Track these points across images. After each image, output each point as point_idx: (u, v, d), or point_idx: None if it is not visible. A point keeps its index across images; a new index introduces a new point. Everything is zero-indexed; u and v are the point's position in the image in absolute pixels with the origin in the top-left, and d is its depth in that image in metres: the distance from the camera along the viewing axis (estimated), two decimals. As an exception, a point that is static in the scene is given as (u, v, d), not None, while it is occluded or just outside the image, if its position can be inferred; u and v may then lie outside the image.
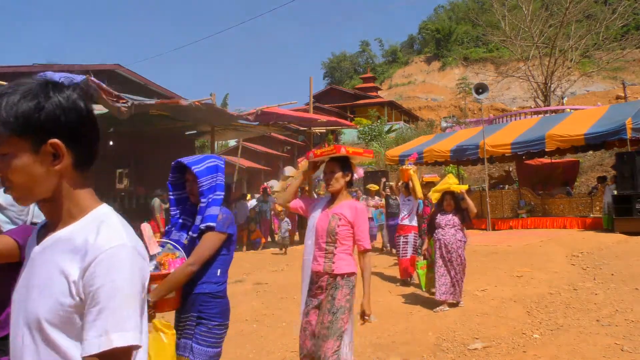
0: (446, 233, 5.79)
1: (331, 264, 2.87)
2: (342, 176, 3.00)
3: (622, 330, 4.46)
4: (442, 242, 5.77)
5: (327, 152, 3.01)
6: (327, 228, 2.89)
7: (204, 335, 2.35)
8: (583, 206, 12.59)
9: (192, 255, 2.33)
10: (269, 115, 11.99)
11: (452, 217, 5.84)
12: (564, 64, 27.67)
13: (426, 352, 4.34)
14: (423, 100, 52.93)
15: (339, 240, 2.88)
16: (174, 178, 2.63)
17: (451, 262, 5.71)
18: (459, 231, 5.81)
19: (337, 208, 2.96)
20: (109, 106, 8.75)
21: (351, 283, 2.89)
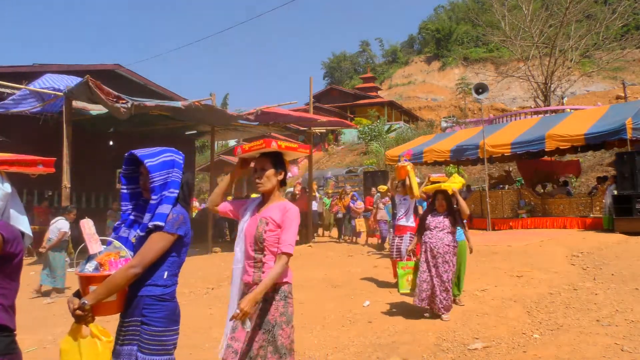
0: (433, 236, 5.35)
1: (261, 273, 2.56)
2: (274, 174, 2.66)
3: (622, 330, 4.46)
4: (428, 246, 5.36)
5: (257, 146, 2.67)
6: (255, 234, 2.59)
7: (147, 342, 2.16)
8: (583, 206, 12.59)
9: (136, 257, 2.15)
10: (268, 115, 11.99)
11: (442, 219, 5.41)
12: (564, 64, 27.67)
13: (426, 352, 4.34)
14: (423, 100, 52.95)
15: (267, 248, 2.57)
16: (128, 170, 2.39)
17: (436, 268, 5.26)
18: (447, 234, 5.34)
19: (267, 211, 2.63)
20: (109, 106, 8.76)
21: (284, 293, 2.59)
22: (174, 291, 2.26)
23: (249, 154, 2.74)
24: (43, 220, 12.30)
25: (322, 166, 33.65)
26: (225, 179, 2.85)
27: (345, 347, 4.53)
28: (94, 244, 2.28)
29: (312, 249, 12.03)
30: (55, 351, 4.51)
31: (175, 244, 2.23)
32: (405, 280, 5.50)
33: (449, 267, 5.26)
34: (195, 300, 6.89)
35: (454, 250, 5.35)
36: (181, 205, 2.33)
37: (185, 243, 2.31)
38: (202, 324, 5.63)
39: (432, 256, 5.30)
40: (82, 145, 11.05)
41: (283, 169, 2.73)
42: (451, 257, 5.30)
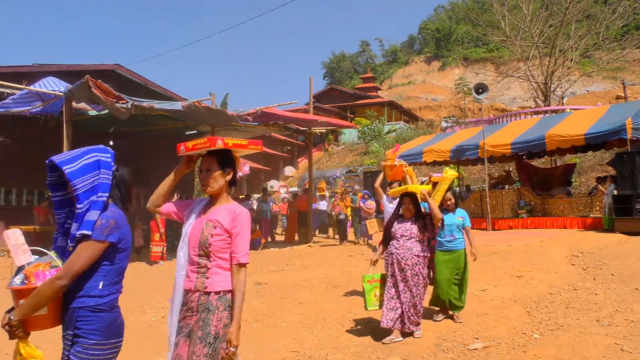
0: (400, 246, 4.67)
1: (204, 279, 2.36)
2: (222, 175, 2.46)
3: (622, 330, 4.46)
4: (394, 257, 4.67)
5: (200, 145, 2.46)
6: (200, 238, 2.38)
7: (78, 356, 2.01)
8: (583, 206, 12.59)
9: (62, 268, 2.01)
10: (268, 115, 12.00)
11: (410, 226, 4.73)
12: (564, 64, 27.67)
13: (426, 352, 4.34)
14: (423, 100, 52.96)
15: (212, 253, 2.36)
16: (53, 177, 2.22)
17: (405, 282, 4.62)
18: (416, 244, 4.67)
19: (214, 213, 2.44)
20: (109, 106, 8.76)
21: (229, 303, 2.38)
22: (112, 300, 2.13)
23: (192, 153, 2.55)
24: (43, 221, 12.32)
25: (322, 166, 33.67)
26: (169, 177, 2.61)
27: (345, 347, 4.53)
28: (21, 255, 2.13)
29: (312, 249, 12.03)
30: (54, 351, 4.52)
31: (107, 252, 2.09)
32: (372, 295, 4.86)
33: (419, 280, 4.64)
34: (195, 300, 6.89)
35: (424, 262, 4.69)
36: (119, 206, 2.22)
37: (120, 249, 2.16)
38: (202, 324, 5.63)
39: (400, 269, 4.63)
40: (82, 145, 11.00)
41: (232, 168, 2.53)
42: (421, 269, 4.64)
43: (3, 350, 4.94)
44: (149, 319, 5.99)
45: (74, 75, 10.46)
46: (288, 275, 8.18)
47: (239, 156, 2.62)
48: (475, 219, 14.07)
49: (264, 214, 14.34)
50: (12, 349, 2.05)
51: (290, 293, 6.82)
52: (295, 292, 6.86)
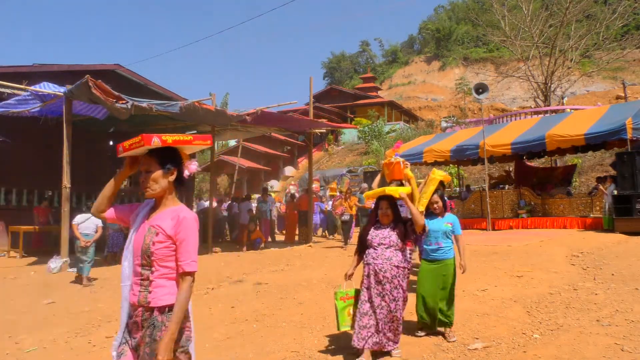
0: (378, 255, 4.13)
1: (147, 293, 2.17)
2: (163, 175, 2.26)
3: (622, 330, 4.45)
4: (371, 268, 4.14)
5: (135, 144, 2.25)
6: (142, 246, 2.19)
7: None
8: (583, 206, 12.59)
9: None
10: (268, 118, 12.00)
11: (388, 233, 4.18)
12: (564, 64, 27.68)
13: (426, 352, 4.34)
14: (423, 100, 52.98)
15: (155, 262, 2.17)
16: None
17: (382, 297, 4.08)
18: (396, 253, 4.14)
19: (156, 218, 2.25)
20: (109, 106, 8.76)
21: None
22: None
23: (129, 154, 2.33)
24: (43, 221, 12.31)
25: (323, 166, 33.67)
26: (111, 181, 2.43)
27: (345, 347, 4.53)
28: None
29: (312, 249, 12.03)
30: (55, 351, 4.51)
31: None
32: (346, 314, 4.32)
33: (399, 293, 4.09)
34: (195, 300, 6.86)
35: (404, 273, 4.16)
36: None
37: None
38: (202, 323, 5.63)
39: (377, 281, 4.09)
40: (82, 145, 11.04)
41: (176, 166, 2.31)
42: (401, 281, 4.10)
43: (3, 351, 4.95)
44: (149, 319, 5.98)
45: (74, 75, 10.46)
46: (288, 275, 8.18)
47: (187, 153, 2.41)
48: (475, 219, 14.11)
49: (264, 214, 14.34)
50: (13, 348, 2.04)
51: (290, 293, 6.82)
52: (295, 292, 6.86)
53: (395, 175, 5.31)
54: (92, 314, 6.30)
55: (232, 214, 15.86)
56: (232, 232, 15.71)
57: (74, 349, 4.97)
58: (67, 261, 9.33)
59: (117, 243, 10.69)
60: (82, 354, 4.84)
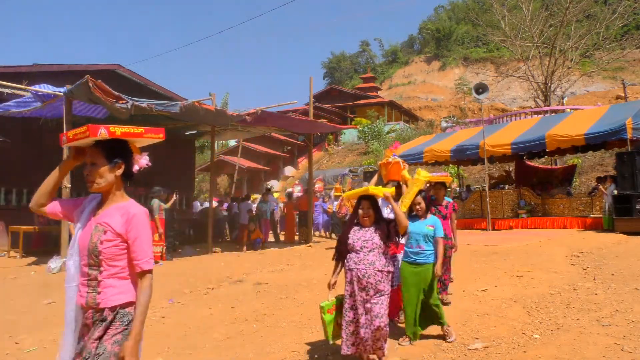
0: (361, 260, 3.85)
1: (95, 294, 2.05)
2: (109, 169, 2.13)
3: (622, 330, 4.45)
4: (353, 274, 3.87)
5: (80, 134, 2.10)
6: (88, 244, 2.07)
7: None
8: (583, 206, 12.59)
9: None
10: (268, 119, 11.99)
11: (371, 235, 3.90)
12: (564, 64, 27.69)
13: (426, 352, 4.34)
14: (423, 100, 52.99)
15: (104, 262, 2.06)
16: None
17: (364, 304, 3.84)
18: (379, 256, 3.87)
19: (104, 215, 2.12)
20: (109, 106, 8.76)
21: (128, 317, 2.08)
22: None
23: (74, 144, 2.19)
24: (42, 221, 12.31)
25: (323, 166, 33.67)
26: (53, 172, 2.26)
27: (345, 347, 4.53)
28: None
29: (312, 249, 12.03)
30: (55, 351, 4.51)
31: None
32: (334, 325, 4.08)
33: (384, 298, 3.84)
34: (195, 300, 6.89)
35: (388, 277, 3.91)
36: None
37: None
38: (202, 323, 5.63)
39: (361, 288, 3.83)
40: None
41: (124, 160, 2.19)
42: (386, 285, 3.86)
43: (3, 351, 4.94)
44: (148, 319, 5.98)
45: (74, 75, 10.45)
46: (288, 275, 8.18)
47: (137, 146, 2.29)
48: (475, 219, 14.11)
49: (264, 214, 14.34)
50: (13, 348, 2.05)
51: (290, 293, 6.82)
52: (295, 292, 6.86)
53: (393, 175, 5.11)
54: (92, 314, 6.29)
55: (232, 214, 15.87)
56: (232, 232, 15.71)
57: (74, 349, 4.96)
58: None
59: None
60: (82, 354, 4.84)
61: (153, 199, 10.27)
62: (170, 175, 14.92)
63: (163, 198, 10.42)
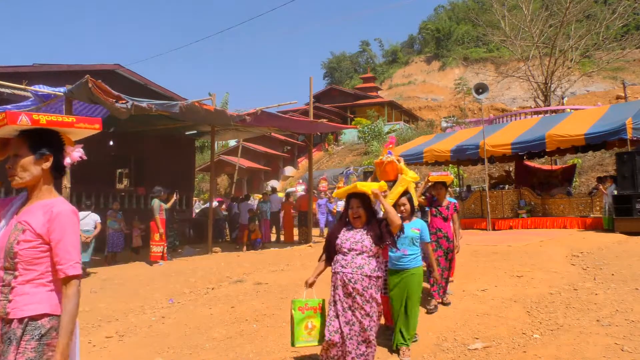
0: (348, 263, 3.48)
1: (6, 302, 1.81)
2: (34, 161, 1.91)
3: (622, 330, 4.45)
4: (339, 279, 3.50)
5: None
6: (6, 245, 1.85)
7: None
8: (583, 206, 12.59)
9: None
10: (268, 119, 11.99)
11: (361, 237, 3.52)
12: (564, 64, 27.70)
13: (426, 352, 4.33)
14: (423, 100, 53.00)
15: (20, 265, 1.82)
16: None
17: (353, 312, 3.42)
18: (369, 260, 3.48)
19: (25, 213, 1.91)
20: (109, 106, 8.76)
21: (40, 330, 1.79)
22: None
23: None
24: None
25: (323, 166, 33.67)
26: None
27: (345, 347, 4.53)
28: None
29: (312, 249, 12.03)
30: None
31: None
32: (303, 327, 3.71)
33: (372, 308, 3.43)
34: (195, 300, 6.89)
35: (377, 283, 3.53)
36: None
37: None
38: (202, 323, 5.63)
39: (346, 294, 3.45)
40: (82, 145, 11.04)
41: (52, 152, 1.97)
42: (374, 293, 3.45)
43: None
44: (148, 319, 5.99)
45: (74, 75, 10.46)
46: (288, 275, 8.17)
47: (71, 138, 2.11)
48: (475, 219, 14.11)
49: (264, 214, 14.35)
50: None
51: (290, 293, 6.82)
52: (295, 292, 6.85)
53: (389, 175, 4.68)
54: (92, 314, 6.30)
55: (232, 214, 15.88)
56: (232, 232, 15.72)
57: (74, 349, 4.96)
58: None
59: (117, 243, 10.70)
60: (82, 354, 4.83)
61: (153, 199, 10.28)
62: (170, 175, 14.93)
63: (163, 198, 10.43)
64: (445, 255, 5.74)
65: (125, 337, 5.33)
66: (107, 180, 15.43)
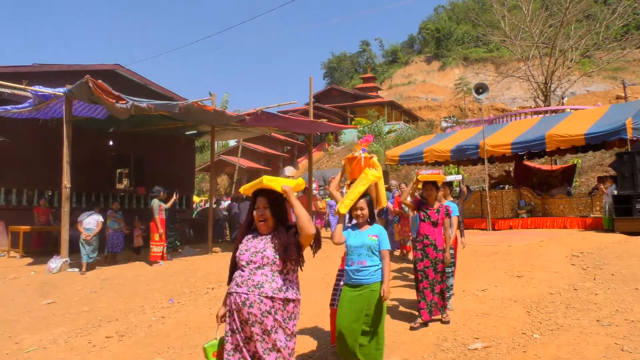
0: (244, 281, 2.66)
1: None
2: None
3: (622, 330, 4.45)
4: (233, 300, 2.66)
5: None
6: None
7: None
8: (583, 206, 12.59)
9: None
10: (268, 119, 11.99)
11: (263, 246, 2.73)
12: (564, 64, 27.70)
13: (426, 352, 4.34)
14: (423, 100, 53.00)
15: None
16: None
17: (249, 345, 2.62)
18: (273, 276, 2.67)
19: None
20: (109, 106, 8.77)
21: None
22: None
23: None
24: (43, 221, 12.31)
25: (323, 166, 33.67)
26: None
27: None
28: None
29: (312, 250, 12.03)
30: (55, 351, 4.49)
31: None
32: None
33: (280, 342, 2.60)
34: (195, 300, 6.89)
35: (288, 308, 2.67)
36: None
37: None
38: (203, 323, 5.63)
39: (242, 320, 2.62)
40: (82, 145, 11.06)
41: None
42: (282, 321, 2.63)
43: (2, 351, 4.94)
44: (149, 319, 5.99)
45: (74, 75, 10.46)
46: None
47: None
48: (475, 219, 14.10)
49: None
50: (13, 348, 2.04)
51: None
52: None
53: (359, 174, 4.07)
54: (92, 314, 6.31)
55: (232, 214, 15.87)
56: (232, 232, 15.72)
57: (74, 349, 4.97)
58: (67, 261, 9.33)
59: (117, 243, 10.70)
60: (82, 354, 4.84)
61: (153, 199, 10.28)
62: (170, 175, 14.93)
63: (163, 198, 10.43)
64: (433, 267, 5.02)
65: (125, 337, 5.33)
66: (107, 180, 15.44)
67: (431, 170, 5.55)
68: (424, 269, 5.06)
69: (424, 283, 5.05)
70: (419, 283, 5.08)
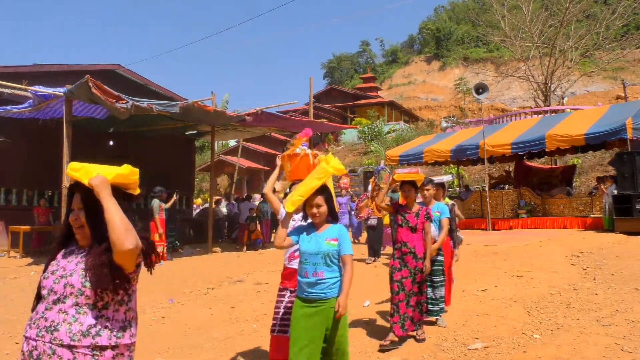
0: (37, 320, 1.81)
1: None
2: None
3: (622, 330, 4.45)
4: (24, 348, 1.82)
5: None
6: None
7: None
8: (583, 206, 12.59)
9: None
10: (268, 119, 12.00)
11: (73, 268, 1.86)
12: (564, 64, 27.70)
13: (426, 352, 4.33)
14: (423, 100, 53.00)
15: None
16: None
17: None
18: (80, 312, 1.80)
19: None
20: (109, 106, 8.77)
21: None
22: None
23: None
24: (43, 221, 12.31)
25: (322, 166, 33.63)
26: None
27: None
28: None
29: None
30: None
31: None
32: None
33: None
34: (195, 300, 6.89)
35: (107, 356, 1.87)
36: None
37: None
38: (202, 323, 5.63)
39: None
40: (82, 145, 11.06)
41: None
42: None
43: (2, 351, 4.94)
44: (149, 319, 5.99)
45: (74, 75, 10.46)
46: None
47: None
48: (475, 219, 14.10)
49: (265, 214, 14.36)
50: (13, 348, 2.04)
51: (290, 293, 6.82)
52: (295, 292, 6.86)
53: (301, 173, 3.44)
54: (92, 314, 6.29)
55: (232, 214, 15.87)
56: (232, 232, 15.72)
57: (74, 349, 4.96)
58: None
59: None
60: (82, 354, 4.83)
61: (153, 199, 10.28)
62: (170, 175, 14.93)
63: (163, 198, 10.43)
64: (412, 277, 4.44)
65: (125, 337, 5.32)
66: (107, 180, 15.42)
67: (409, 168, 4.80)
68: (401, 279, 4.44)
69: (399, 295, 4.40)
70: (395, 295, 4.43)
